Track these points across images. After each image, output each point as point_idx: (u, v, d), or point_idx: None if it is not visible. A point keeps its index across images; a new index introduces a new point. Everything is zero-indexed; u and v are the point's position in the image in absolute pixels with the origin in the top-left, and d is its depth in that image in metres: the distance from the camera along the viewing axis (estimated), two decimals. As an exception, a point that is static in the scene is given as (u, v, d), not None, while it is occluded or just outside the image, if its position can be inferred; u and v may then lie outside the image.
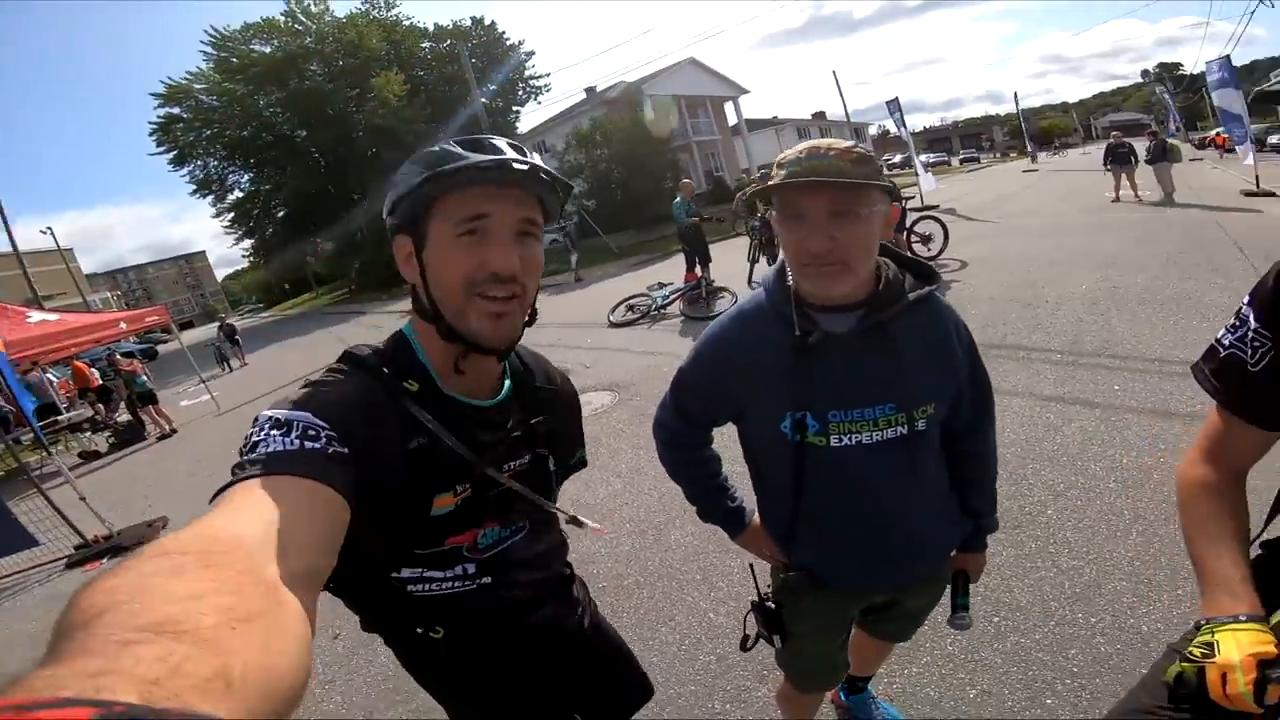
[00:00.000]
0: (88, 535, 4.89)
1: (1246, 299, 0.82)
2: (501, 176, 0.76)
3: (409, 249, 0.80)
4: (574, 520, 1.03)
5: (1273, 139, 21.92)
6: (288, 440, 0.63)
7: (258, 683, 0.31)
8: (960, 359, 1.10)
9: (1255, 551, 0.86)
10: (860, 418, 1.04)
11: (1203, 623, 0.77)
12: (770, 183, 0.98)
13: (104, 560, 4.63)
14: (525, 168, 0.76)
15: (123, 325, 9.01)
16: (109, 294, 53.45)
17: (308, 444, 0.63)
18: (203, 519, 0.50)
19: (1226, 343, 0.85)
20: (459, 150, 0.77)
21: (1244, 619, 0.73)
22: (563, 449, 1.03)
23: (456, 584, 0.86)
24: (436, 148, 0.79)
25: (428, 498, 0.79)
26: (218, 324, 18.02)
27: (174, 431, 9.14)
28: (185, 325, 59.13)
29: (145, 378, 9.36)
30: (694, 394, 1.20)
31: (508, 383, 0.93)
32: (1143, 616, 1.97)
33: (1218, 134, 24.76)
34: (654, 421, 1.29)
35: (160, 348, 27.09)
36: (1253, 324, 0.81)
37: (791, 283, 1.06)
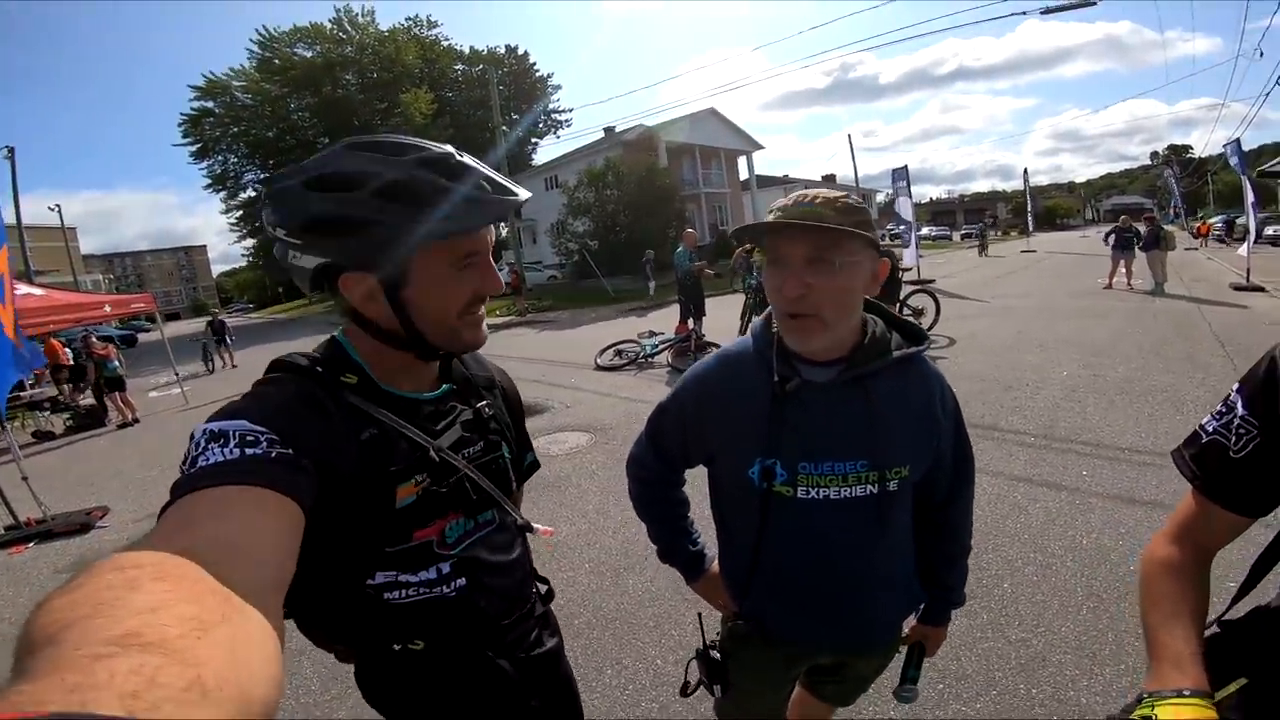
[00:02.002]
0: (21, 517, 4.72)
1: (1236, 386, 0.82)
2: (515, 208, 0.81)
3: (370, 286, 0.76)
4: (525, 526, 1.02)
5: (1269, 230, 20.55)
6: (227, 450, 0.61)
7: (231, 692, 0.30)
8: (943, 425, 1.08)
9: (1214, 630, 0.84)
10: (830, 471, 1.01)
11: (1145, 695, 0.74)
12: (749, 223, 0.99)
13: (30, 544, 4.48)
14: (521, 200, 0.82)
15: (107, 308, 8.91)
16: (100, 276, 52.94)
17: (248, 450, 0.62)
18: (150, 535, 0.49)
19: (1210, 429, 0.84)
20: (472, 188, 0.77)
21: (1188, 693, 0.71)
22: (512, 438, 1.02)
23: (433, 589, 0.85)
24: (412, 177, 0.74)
25: (390, 488, 0.78)
26: (207, 319, 15.95)
27: (136, 421, 8.96)
28: (171, 317, 58.29)
29: (117, 363, 9.19)
30: (670, 429, 1.18)
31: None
32: (1083, 689, 2.01)
33: (1203, 222, 24.86)
34: (629, 456, 1.29)
35: (141, 336, 26.65)
36: (1240, 411, 0.80)
37: (776, 329, 1.06)
